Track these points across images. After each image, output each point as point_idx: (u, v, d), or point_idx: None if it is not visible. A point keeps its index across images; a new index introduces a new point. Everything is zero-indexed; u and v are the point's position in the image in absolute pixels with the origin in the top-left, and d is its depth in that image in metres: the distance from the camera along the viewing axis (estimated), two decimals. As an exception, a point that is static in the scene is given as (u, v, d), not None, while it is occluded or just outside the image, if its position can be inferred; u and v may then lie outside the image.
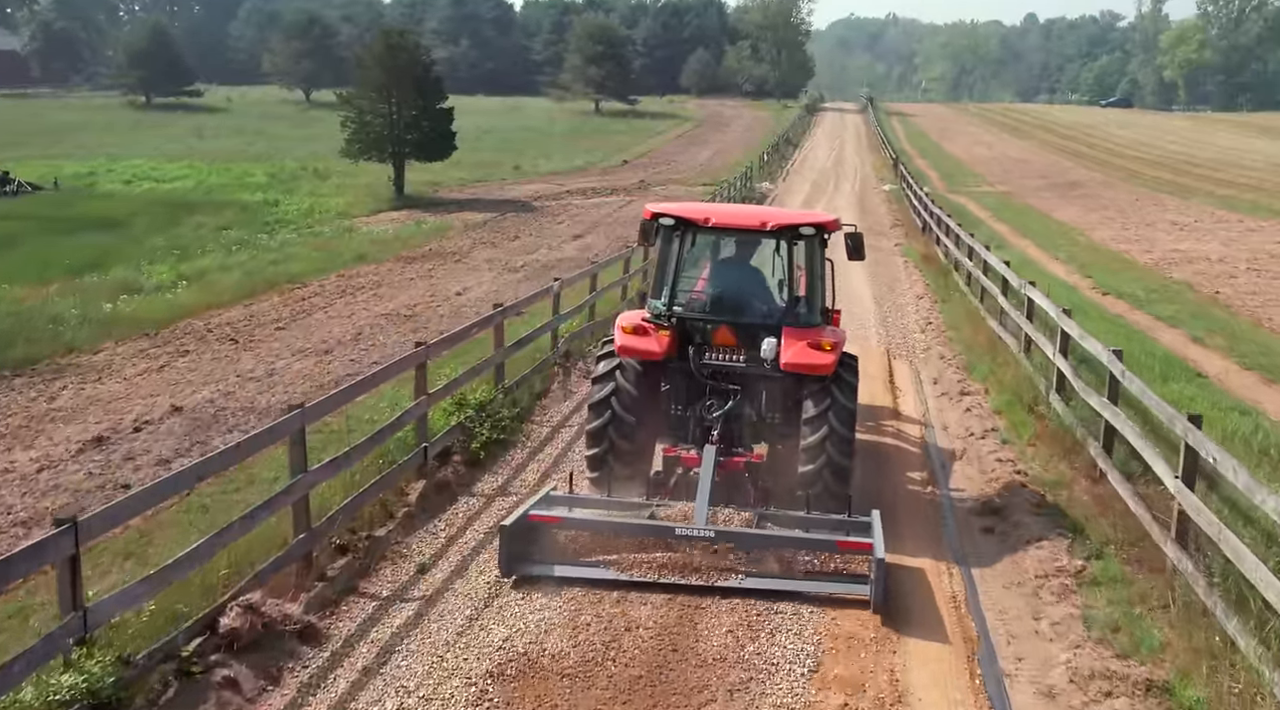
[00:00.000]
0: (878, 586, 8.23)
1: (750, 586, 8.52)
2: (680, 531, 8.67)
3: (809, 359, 9.65)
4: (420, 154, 47.13)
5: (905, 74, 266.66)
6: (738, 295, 10.43)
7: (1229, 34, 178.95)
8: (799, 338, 9.78)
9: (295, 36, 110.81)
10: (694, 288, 10.66)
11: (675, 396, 10.22)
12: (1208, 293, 23.96)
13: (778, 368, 9.78)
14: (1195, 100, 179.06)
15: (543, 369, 14.90)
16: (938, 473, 11.83)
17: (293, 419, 8.14)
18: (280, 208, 44.66)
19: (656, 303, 10.25)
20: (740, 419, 10.04)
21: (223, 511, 10.17)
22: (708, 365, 10.01)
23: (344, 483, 9.68)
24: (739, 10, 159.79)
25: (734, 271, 10.74)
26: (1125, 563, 8.95)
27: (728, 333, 10.08)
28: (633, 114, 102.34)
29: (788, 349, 9.71)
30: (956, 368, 16.48)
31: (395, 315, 22.07)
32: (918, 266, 28.00)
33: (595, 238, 35.49)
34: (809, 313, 10.22)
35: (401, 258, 31.55)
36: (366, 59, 46.47)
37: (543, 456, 12.09)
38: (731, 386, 9.97)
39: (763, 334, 9.91)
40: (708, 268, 10.95)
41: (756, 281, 10.64)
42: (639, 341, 9.92)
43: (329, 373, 16.79)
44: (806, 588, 8.55)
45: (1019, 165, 65.74)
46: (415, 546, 9.41)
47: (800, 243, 10.25)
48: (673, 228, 10.26)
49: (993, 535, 9.94)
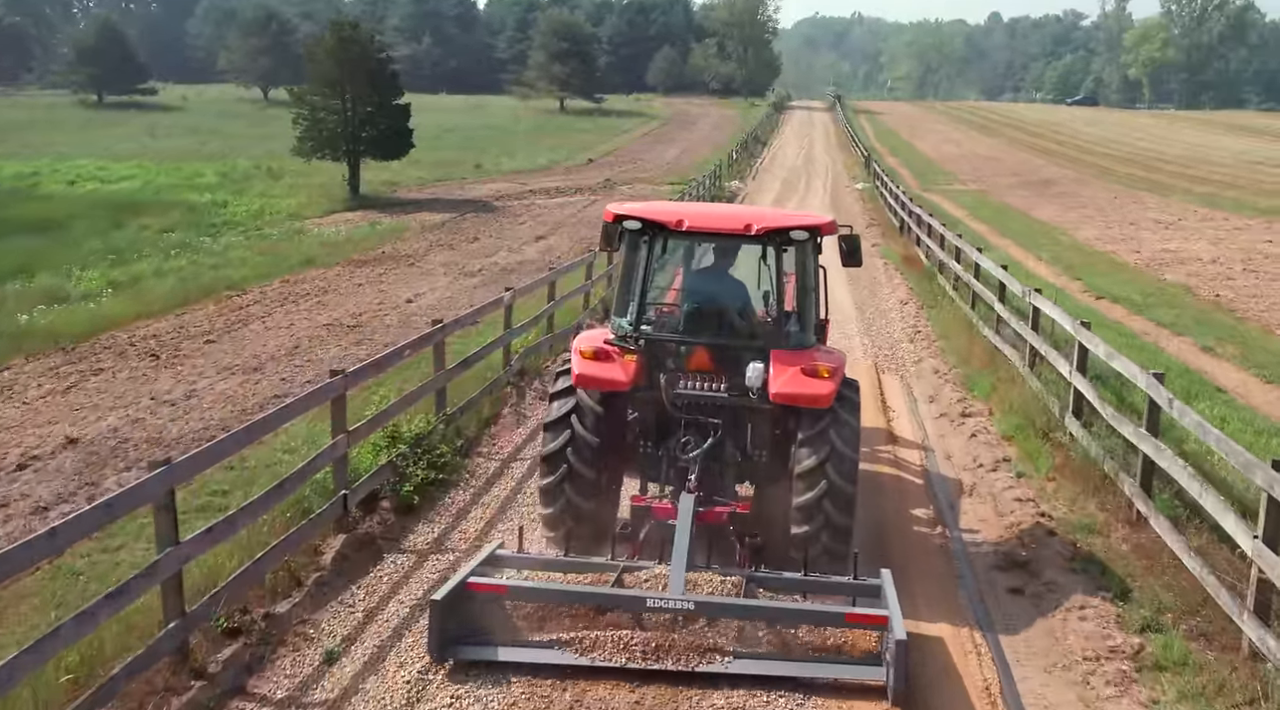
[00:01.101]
0: (897, 670, 6.63)
1: (740, 671, 6.93)
2: (653, 602, 7.11)
3: (803, 389, 8.08)
4: (376, 152, 45.21)
5: (871, 73, 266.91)
6: (717, 312, 8.74)
7: (1191, 33, 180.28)
8: (791, 362, 8.21)
9: (252, 33, 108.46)
10: (665, 303, 9.11)
11: (644, 432, 8.55)
12: (1207, 296, 22.59)
13: (766, 398, 8.19)
14: (1159, 98, 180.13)
15: (493, 390, 13.18)
16: (945, 513, 10.24)
17: (155, 481, 6.41)
18: (228, 209, 42.66)
19: (621, 321, 8.61)
20: (721, 459, 8.41)
21: (101, 576, 8.48)
22: (682, 396, 8.35)
23: (240, 545, 7.96)
24: (705, 8, 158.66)
25: (712, 283, 9.04)
26: (1189, 638, 7.39)
27: (705, 356, 8.49)
28: (598, 112, 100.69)
29: (778, 376, 8.14)
30: (954, 384, 14.91)
31: (338, 326, 20.26)
32: (899, 269, 26.48)
33: (558, 239, 33.78)
34: (801, 332, 8.62)
35: (352, 261, 29.70)
36: (318, 53, 44.46)
37: (489, 498, 10.37)
38: (711, 420, 8.35)
39: (747, 358, 8.31)
40: (681, 279, 9.37)
41: (739, 295, 8.94)
42: (601, 369, 8.24)
43: (254, 394, 14.99)
44: (810, 672, 6.96)
45: (990, 163, 64.60)
46: (325, 625, 7.68)
47: (791, 249, 8.58)
48: (639, 232, 8.61)
49: (1022, 597, 8.33)
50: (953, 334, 18.01)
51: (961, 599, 8.36)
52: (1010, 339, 16.05)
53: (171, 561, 6.57)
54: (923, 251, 27.57)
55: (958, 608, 8.19)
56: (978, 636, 7.73)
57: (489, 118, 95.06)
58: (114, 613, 6.10)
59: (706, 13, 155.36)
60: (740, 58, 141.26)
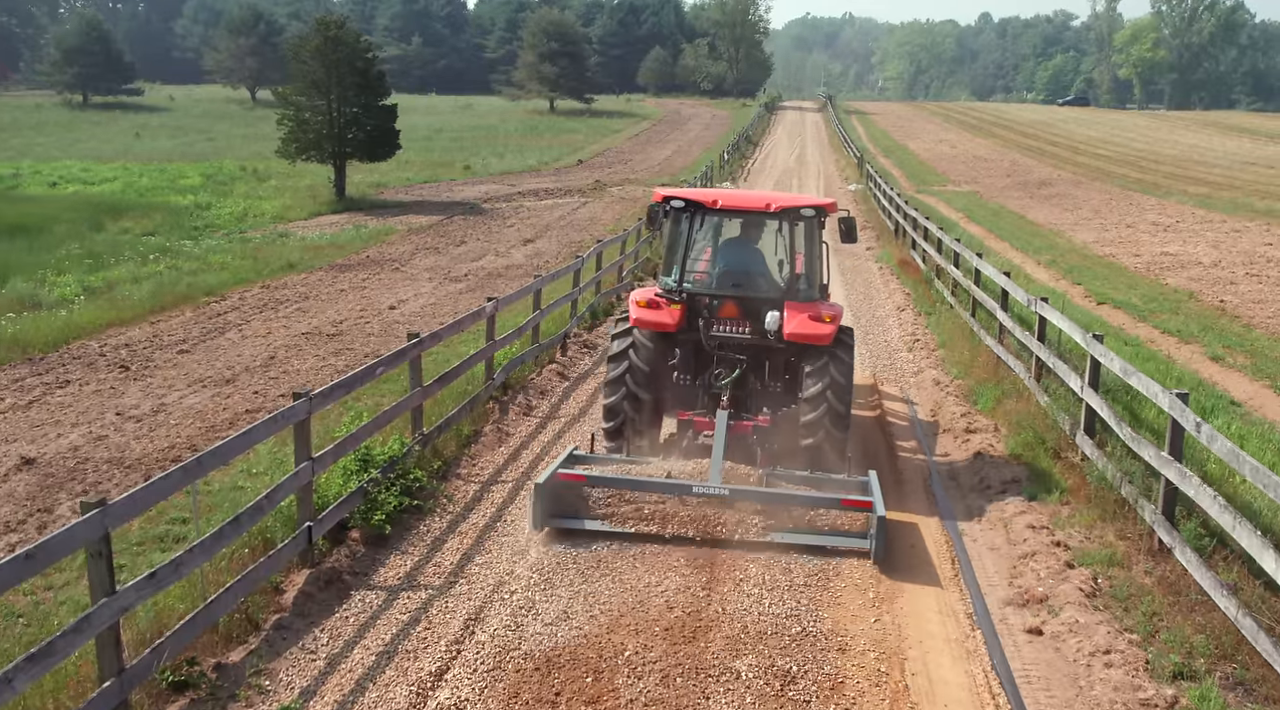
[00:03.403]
0: (879, 540, 8.91)
1: (770, 540, 9.10)
2: (698, 489, 9.21)
3: (810, 330, 10.37)
4: (362, 154, 44.50)
5: (862, 73, 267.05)
6: (743, 272, 11.07)
7: (1182, 33, 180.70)
8: (800, 311, 10.50)
9: (240, 33, 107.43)
10: (702, 265, 11.38)
11: (684, 366, 10.91)
12: (1211, 301, 22.02)
13: (781, 338, 10.51)
14: (1149, 98, 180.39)
15: (474, 406, 12.51)
16: (954, 539, 9.61)
17: (86, 525, 5.75)
18: (211, 211, 41.94)
19: (667, 280, 10.98)
20: (746, 386, 10.72)
21: (44, 618, 7.83)
22: (715, 337, 10.70)
23: (192, 583, 7.31)
24: (696, 8, 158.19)
25: (739, 250, 11.34)
26: (1226, 688, 6.78)
27: (733, 307, 10.75)
28: (589, 113, 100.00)
29: (790, 321, 10.44)
30: (957, 397, 14.29)
31: (317, 334, 19.58)
32: (895, 273, 25.89)
33: (547, 242, 33.15)
34: (809, 288, 10.93)
35: (335, 266, 29.02)
36: (303, 52, 43.65)
37: (466, 526, 9.70)
38: (738, 356, 10.68)
39: (766, 308, 10.60)
40: (715, 247, 11.54)
41: (760, 259, 11.32)
42: (653, 315, 10.64)
43: (225, 410, 14.31)
44: (818, 542, 9.09)
45: (984, 164, 64.09)
46: (284, 675, 7.01)
47: (801, 223, 10.91)
48: (683, 210, 10.92)
49: (1042, 640, 7.69)
50: (953, 342, 17.40)
51: (975, 642, 7.73)
52: (1014, 349, 15.46)
53: (106, 613, 5.91)
54: (919, 255, 26.98)
55: (973, 651, 7.57)
56: (994, 684, 7.11)
57: (478, 118, 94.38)
58: (36, 678, 5.43)
59: (697, 13, 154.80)
60: (731, 58, 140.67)
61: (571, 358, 16.25)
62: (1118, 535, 9.14)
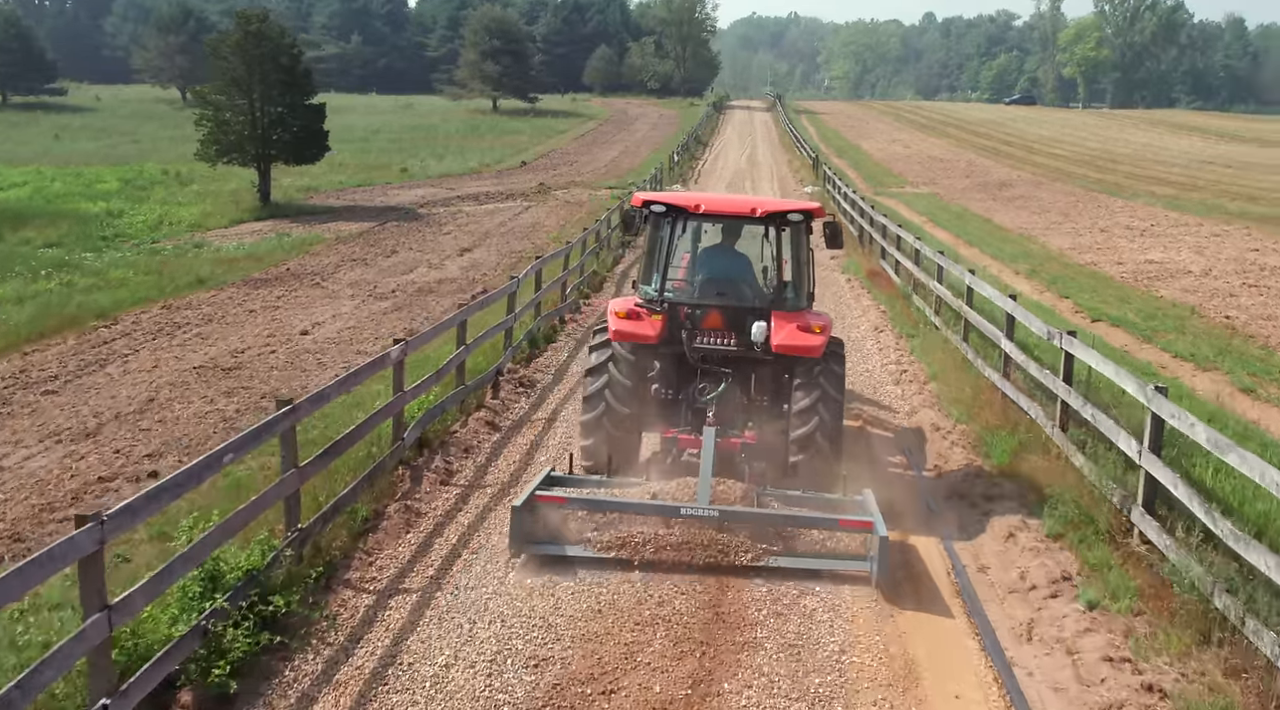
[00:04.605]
0: (881, 562, 8.26)
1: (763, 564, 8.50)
2: (685, 511, 8.60)
3: (799, 341, 9.85)
4: (288, 156, 41.64)
5: (808, 72, 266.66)
6: (727, 280, 10.52)
7: (1124, 32, 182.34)
8: (788, 321, 9.98)
9: (169, 31, 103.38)
10: (683, 274, 10.74)
11: (666, 380, 10.27)
12: (1216, 318, 20.01)
13: (769, 350, 9.95)
14: (1092, 97, 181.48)
15: (377, 478, 9.93)
16: (1004, 674, 7.23)
17: None
18: (123, 219, 38.82)
19: (648, 289, 10.36)
20: (731, 401, 10.07)
21: None
22: (699, 349, 10.13)
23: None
24: (642, 6, 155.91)
25: (722, 257, 10.81)
26: None
27: (718, 317, 10.19)
28: (533, 112, 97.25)
29: (778, 332, 9.89)
30: (964, 447, 11.95)
31: (212, 368, 16.89)
32: (865, 287, 23.65)
33: (485, 252, 30.58)
34: (796, 297, 10.40)
35: (250, 281, 26.25)
36: (222, 48, 40.72)
37: (349, 670, 7.08)
38: (723, 369, 10.11)
39: (752, 318, 10.06)
40: (695, 254, 10.98)
41: (744, 267, 10.75)
42: (633, 326, 10.03)
43: (74, 476, 11.62)
44: (814, 566, 8.49)
45: (940, 164, 62.35)
46: None
47: (788, 229, 10.38)
48: (664, 215, 10.36)
49: None
50: (946, 374, 15.08)
51: None
52: (1025, 385, 13.20)
53: None
54: (890, 266, 24.79)
55: None
56: None
57: (419, 118, 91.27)
58: None
59: (643, 10, 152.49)
60: (679, 56, 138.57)
61: (505, 400, 13.68)
62: (1227, 673, 6.81)
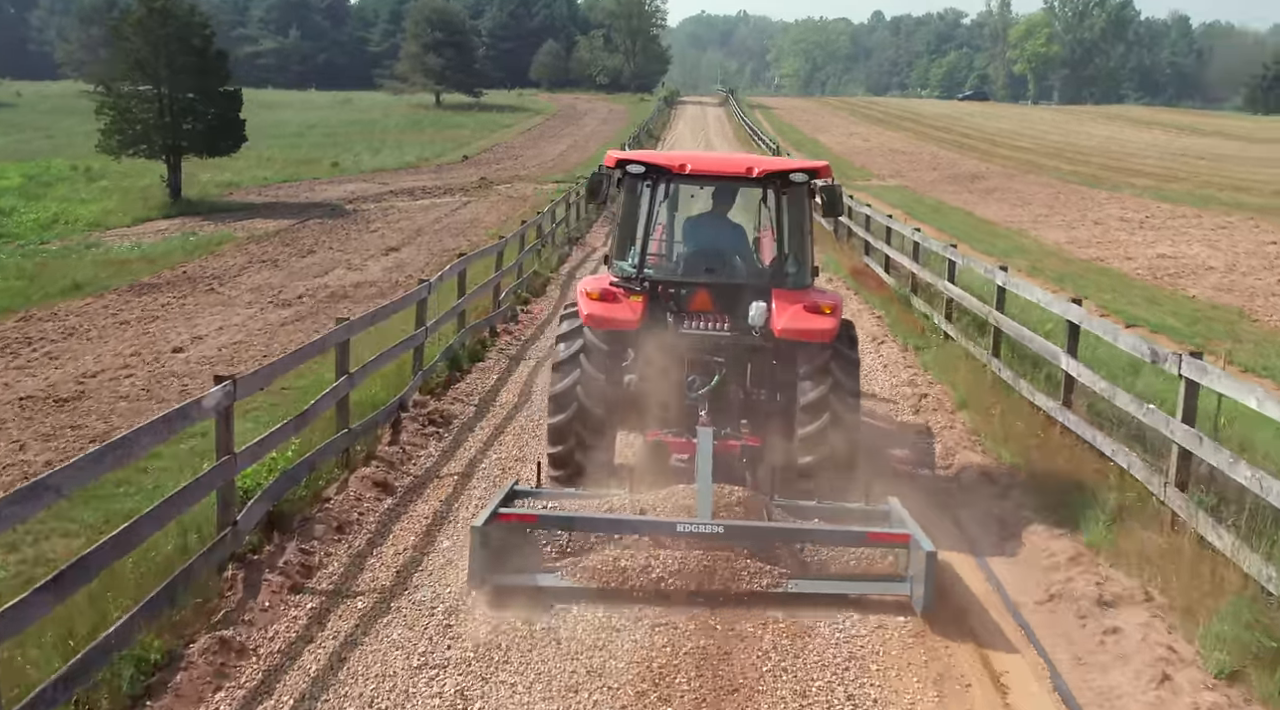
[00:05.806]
0: (927, 583, 6.76)
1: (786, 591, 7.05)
2: (683, 527, 7.19)
3: (807, 324, 8.37)
4: (201, 148, 37.83)
5: (758, 70, 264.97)
6: (719, 254, 9.11)
7: (1074, 29, 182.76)
8: (792, 301, 8.51)
9: (92, 22, 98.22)
10: (667, 246, 9.54)
11: (647, 373, 8.60)
12: (1271, 322, 17.04)
13: (769, 335, 8.48)
14: (1042, 94, 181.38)
15: (180, 590, 6.47)
16: None
17: None
18: (13, 218, 34.83)
19: (624, 265, 8.88)
20: (727, 396, 8.62)
21: None
22: (687, 335, 8.61)
23: None
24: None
25: (712, 227, 9.34)
26: None
27: (707, 297, 8.72)
28: (478, 107, 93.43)
29: (781, 314, 8.44)
30: (1035, 511, 8.61)
31: (44, 399, 13.25)
32: (852, 288, 20.47)
33: (414, 251, 27.06)
34: (799, 273, 8.93)
35: (136, 286, 22.57)
36: (124, 29, 36.90)
37: None
38: (715, 359, 8.59)
39: (749, 297, 8.58)
40: (681, 223, 9.64)
41: (739, 238, 9.42)
42: (609, 310, 8.50)
43: None
44: (841, 590, 7.09)
45: (903, 157, 59.64)
46: None
47: (789, 192, 8.93)
48: (642, 177, 8.82)
49: None
50: (980, 399, 11.80)
51: None
52: (1094, 418, 9.98)
53: None
54: (877, 262, 21.65)
55: None
56: None
57: (358, 113, 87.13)
58: None
59: (592, 4, 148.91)
60: (628, 50, 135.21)
61: (406, 447, 10.07)
62: None
